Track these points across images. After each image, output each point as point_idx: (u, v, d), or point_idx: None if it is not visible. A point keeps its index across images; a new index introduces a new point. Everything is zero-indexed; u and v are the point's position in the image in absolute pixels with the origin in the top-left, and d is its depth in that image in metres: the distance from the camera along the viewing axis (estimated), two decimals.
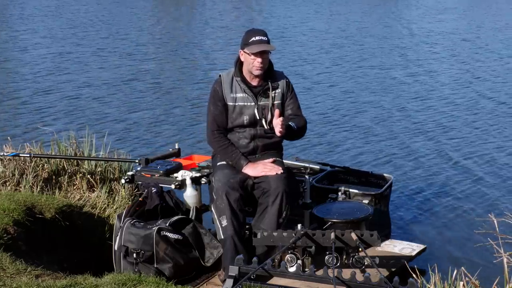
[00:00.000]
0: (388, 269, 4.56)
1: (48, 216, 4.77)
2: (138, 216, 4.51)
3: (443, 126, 9.71)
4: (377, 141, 8.92)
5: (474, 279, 3.47)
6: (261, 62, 4.49)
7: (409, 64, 14.84)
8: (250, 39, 4.51)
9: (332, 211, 4.72)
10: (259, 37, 4.51)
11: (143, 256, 4.33)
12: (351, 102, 11.19)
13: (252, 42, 4.50)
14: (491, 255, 3.81)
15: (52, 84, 12.10)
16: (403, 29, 20.91)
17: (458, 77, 13.39)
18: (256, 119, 4.59)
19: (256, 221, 4.46)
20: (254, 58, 4.49)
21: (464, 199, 6.92)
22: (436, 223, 6.32)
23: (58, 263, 4.54)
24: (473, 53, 16.35)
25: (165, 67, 14.36)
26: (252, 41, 4.50)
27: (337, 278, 3.39)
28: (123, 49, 16.27)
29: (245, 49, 4.51)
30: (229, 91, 4.58)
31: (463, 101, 11.32)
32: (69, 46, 16.52)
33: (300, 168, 5.90)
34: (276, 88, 4.63)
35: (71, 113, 10.10)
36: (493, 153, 8.44)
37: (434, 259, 5.25)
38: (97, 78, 12.75)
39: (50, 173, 5.55)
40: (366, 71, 13.94)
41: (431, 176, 7.59)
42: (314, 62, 14.83)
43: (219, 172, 4.50)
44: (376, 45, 17.41)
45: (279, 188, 4.36)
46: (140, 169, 4.99)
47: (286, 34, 19.19)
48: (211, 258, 4.50)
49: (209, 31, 20.03)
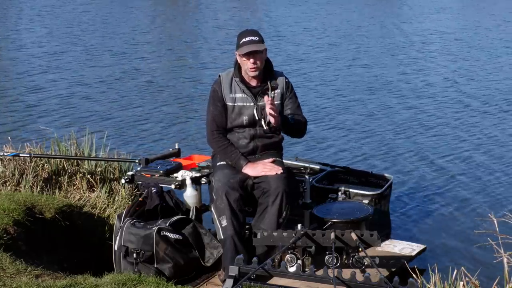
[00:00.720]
0: (388, 269, 4.56)
1: (48, 216, 4.77)
2: (138, 216, 4.51)
3: (443, 126, 9.70)
4: (377, 141, 8.92)
5: (474, 279, 3.47)
6: (253, 63, 4.47)
7: (409, 64, 14.83)
8: (241, 40, 4.50)
9: (332, 211, 4.72)
10: (249, 37, 4.49)
11: (143, 256, 4.33)
12: (351, 102, 11.18)
13: (242, 43, 4.49)
14: (491, 255, 3.81)
15: (52, 84, 12.09)
16: (402, 28, 20.90)
17: (459, 78, 13.38)
18: (255, 119, 4.58)
19: (256, 221, 4.46)
20: (246, 59, 4.48)
21: (464, 199, 6.91)
22: (436, 223, 6.32)
23: (58, 263, 4.54)
24: (474, 53, 16.35)
25: (165, 67, 14.36)
26: (243, 43, 4.49)
27: (337, 278, 3.39)
28: (123, 49, 16.26)
29: (237, 51, 4.52)
30: (228, 91, 4.58)
31: (464, 101, 11.30)
32: (69, 46, 16.52)
33: (300, 168, 5.90)
34: (275, 88, 4.63)
35: (71, 113, 10.09)
36: (493, 153, 8.44)
37: (434, 259, 5.25)
38: (97, 78, 12.74)
39: (50, 173, 5.55)
40: (366, 71, 13.93)
41: (431, 176, 7.59)
42: (313, 61, 14.82)
43: (219, 172, 4.50)
44: (376, 45, 17.41)
45: (279, 188, 4.36)
46: (140, 169, 5.00)
47: (285, 33, 19.17)
48: (211, 258, 4.50)
49: (209, 30, 20.03)
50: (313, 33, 19.53)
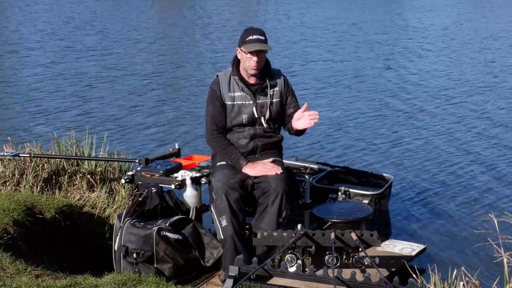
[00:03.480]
0: (388, 269, 4.56)
1: (48, 216, 4.77)
2: (138, 216, 4.51)
3: (443, 126, 9.70)
4: (377, 141, 8.91)
5: (474, 279, 3.47)
6: (256, 62, 4.49)
7: (409, 63, 14.83)
8: (247, 37, 4.51)
9: (332, 211, 4.72)
10: (257, 36, 4.51)
11: (143, 256, 4.33)
12: (350, 101, 11.18)
13: (249, 40, 4.49)
14: (491, 255, 3.82)
15: (52, 84, 12.10)
16: (403, 28, 20.91)
17: (460, 78, 13.38)
18: (255, 118, 4.59)
19: (256, 221, 4.46)
20: (250, 56, 4.49)
21: (464, 199, 6.91)
22: (436, 223, 6.32)
23: (58, 263, 4.54)
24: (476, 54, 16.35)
25: (165, 67, 14.35)
26: (249, 40, 4.50)
27: (337, 278, 3.39)
28: (123, 49, 16.27)
29: (242, 47, 4.52)
30: (227, 91, 4.58)
31: (464, 101, 11.30)
32: (69, 46, 16.52)
33: (300, 168, 5.90)
34: (274, 86, 4.64)
35: (71, 113, 10.09)
36: (493, 153, 8.43)
37: (434, 259, 5.26)
38: (97, 78, 12.75)
39: (50, 173, 5.55)
40: (365, 71, 13.93)
41: (431, 176, 7.58)
42: (312, 61, 14.83)
43: (219, 172, 4.50)
44: (375, 44, 17.40)
45: (279, 188, 4.36)
46: (140, 169, 4.99)
47: (285, 33, 19.18)
48: (211, 258, 4.50)
49: (209, 30, 20.02)
50: (313, 33, 19.52)
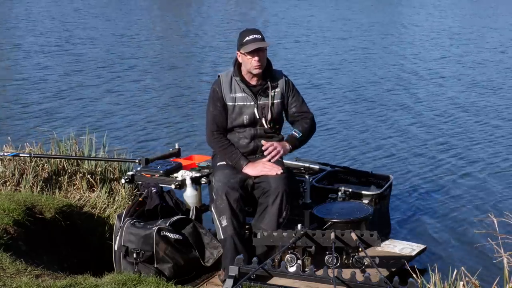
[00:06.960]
0: (388, 269, 4.56)
1: (48, 216, 4.77)
2: (138, 216, 4.52)
3: (443, 126, 9.70)
4: (377, 141, 8.92)
5: (474, 279, 3.47)
6: (258, 60, 4.49)
7: (409, 63, 14.83)
8: (244, 39, 4.52)
9: (332, 211, 4.72)
10: (253, 35, 4.51)
11: (143, 256, 4.33)
12: (350, 101, 11.18)
13: (246, 41, 4.50)
14: (491, 255, 3.82)
15: (52, 84, 12.09)
16: (404, 28, 20.91)
17: (460, 78, 13.38)
18: (256, 119, 4.59)
19: (256, 221, 4.46)
20: (251, 57, 4.49)
21: (464, 199, 6.91)
22: (436, 223, 6.32)
23: (58, 263, 4.54)
24: (478, 53, 16.36)
25: (165, 67, 14.35)
26: (247, 41, 4.50)
27: (337, 278, 3.39)
28: (123, 49, 16.26)
29: (241, 50, 4.52)
30: (228, 91, 4.59)
31: (464, 101, 11.31)
32: (68, 46, 16.51)
33: (300, 168, 5.90)
34: (275, 87, 4.64)
35: (71, 113, 10.09)
36: (493, 153, 8.44)
37: (434, 259, 5.26)
38: (97, 78, 12.75)
39: (50, 173, 5.55)
40: (365, 71, 13.94)
41: (431, 176, 7.58)
42: (312, 61, 14.83)
43: (219, 172, 4.50)
44: (376, 44, 17.40)
45: (279, 188, 4.36)
46: (140, 169, 4.99)
47: (284, 33, 19.18)
48: (211, 258, 4.50)
49: (210, 30, 20.02)
50: (312, 32, 19.53)
